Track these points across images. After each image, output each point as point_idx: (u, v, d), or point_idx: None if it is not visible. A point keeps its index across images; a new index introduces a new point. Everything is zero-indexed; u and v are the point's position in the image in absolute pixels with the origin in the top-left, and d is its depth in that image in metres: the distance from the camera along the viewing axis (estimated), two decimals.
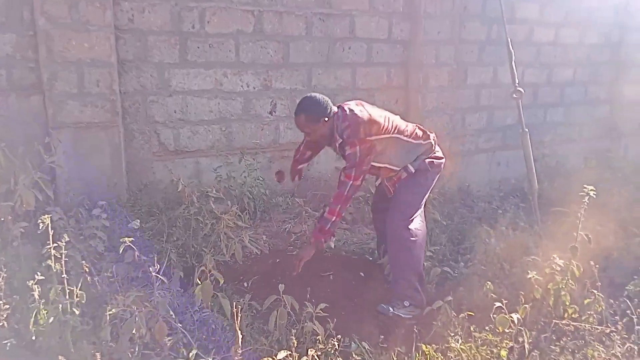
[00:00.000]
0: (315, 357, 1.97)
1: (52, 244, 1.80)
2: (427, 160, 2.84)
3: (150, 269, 1.90)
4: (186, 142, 4.02)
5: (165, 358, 1.90)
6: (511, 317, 2.29)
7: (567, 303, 2.68)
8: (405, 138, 2.81)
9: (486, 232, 3.57)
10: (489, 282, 2.80)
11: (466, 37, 5.04)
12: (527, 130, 3.67)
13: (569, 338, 2.52)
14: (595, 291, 2.63)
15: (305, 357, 1.91)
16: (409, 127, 2.91)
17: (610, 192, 4.43)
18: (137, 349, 1.93)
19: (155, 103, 3.85)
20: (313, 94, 2.80)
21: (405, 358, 2.36)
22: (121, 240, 2.12)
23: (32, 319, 1.78)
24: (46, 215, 1.85)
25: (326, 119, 2.70)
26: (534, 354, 2.30)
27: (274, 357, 1.74)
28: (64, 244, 1.86)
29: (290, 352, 1.82)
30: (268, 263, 3.24)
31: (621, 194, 4.49)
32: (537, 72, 5.68)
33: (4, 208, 2.62)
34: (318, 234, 2.71)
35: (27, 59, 3.39)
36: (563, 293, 2.70)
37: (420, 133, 2.90)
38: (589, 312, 2.61)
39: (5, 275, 2.27)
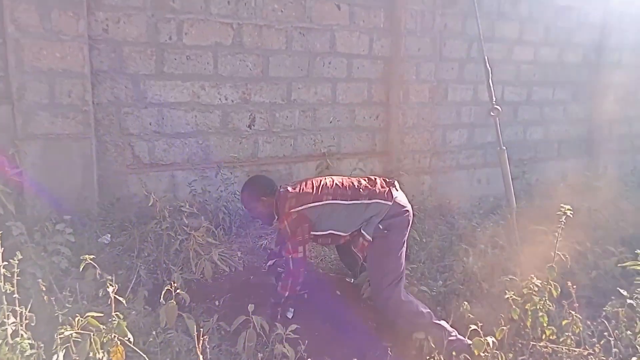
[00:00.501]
0: None
1: (2, 262, 1.69)
2: (383, 224, 2.72)
3: (109, 289, 1.79)
4: (161, 155, 3.93)
5: None
6: (487, 340, 2.22)
7: (545, 324, 2.64)
8: (342, 202, 2.74)
9: (465, 251, 3.53)
10: (467, 302, 2.75)
11: (447, 55, 5.06)
12: (504, 148, 3.67)
13: None
14: (573, 312, 2.59)
15: None
16: (353, 188, 2.81)
17: (588, 211, 4.44)
18: None
19: (129, 115, 3.76)
20: (259, 176, 3.10)
21: None
22: (81, 257, 2.01)
23: None
24: None
25: (264, 197, 2.83)
26: None
27: None
28: (17, 261, 1.75)
29: None
30: (241, 281, 3.14)
31: (599, 212, 4.50)
32: (517, 91, 5.73)
33: None
34: (274, 308, 2.69)
35: None
36: (541, 314, 2.66)
37: (365, 192, 2.77)
38: (567, 334, 2.57)
39: None
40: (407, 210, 2.81)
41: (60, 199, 3.46)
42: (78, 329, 1.72)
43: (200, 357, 1.77)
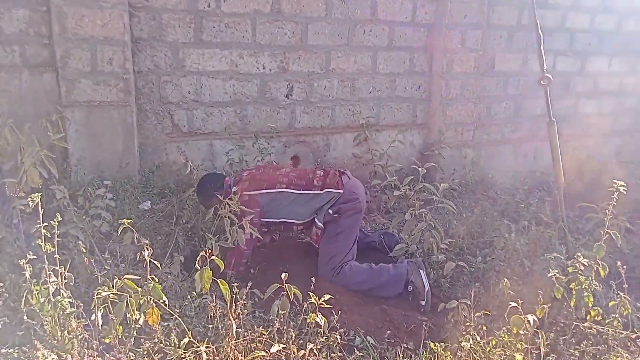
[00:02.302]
0: (315, 351, 1.87)
1: (42, 223, 1.74)
2: (333, 209, 2.86)
3: (145, 252, 1.81)
4: (200, 124, 3.95)
5: (158, 344, 1.83)
6: (527, 318, 2.13)
7: (590, 305, 2.51)
8: (295, 191, 2.89)
9: (507, 227, 3.40)
10: (507, 280, 2.65)
11: (495, 22, 4.80)
12: (554, 120, 3.45)
13: (590, 342, 2.36)
14: (621, 293, 2.45)
15: (303, 351, 1.81)
16: (307, 179, 2.96)
17: None
18: (130, 333, 1.86)
19: (169, 83, 3.78)
20: (208, 174, 3.20)
21: (412, 355, 2.24)
22: (119, 221, 2.04)
23: (23, 299, 1.73)
24: (36, 194, 1.79)
25: (218, 192, 2.92)
26: (551, 357, 2.15)
27: (268, 350, 1.64)
28: (57, 223, 1.79)
29: (285, 346, 1.72)
30: (275, 250, 3.15)
31: None
32: (569, 61, 5.40)
33: (10, 185, 2.58)
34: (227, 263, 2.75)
35: (41, 36, 3.35)
36: (586, 294, 2.52)
37: (318, 183, 2.93)
38: (613, 315, 2.44)
39: (4, 253, 2.25)
40: (358, 198, 2.93)
41: (103, 165, 3.55)
42: (115, 291, 1.75)
43: (233, 322, 1.77)
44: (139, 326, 1.85)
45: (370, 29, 4.35)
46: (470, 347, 2.16)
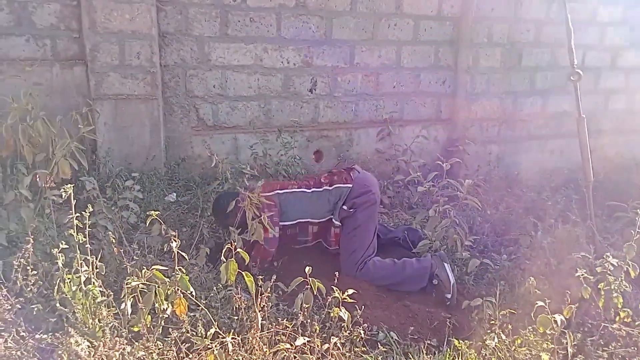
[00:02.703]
0: (339, 345, 1.88)
1: (75, 213, 1.78)
2: (347, 204, 2.89)
3: (173, 244, 1.84)
4: (224, 118, 3.98)
5: (185, 334, 1.86)
6: (554, 317, 2.10)
7: (620, 306, 2.46)
8: (306, 190, 2.95)
9: (533, 224, 3.35)
10: (533, 278, 2.61)
11: (523, 16, 4.71)
12: (584, 116, 3.39)
13: (619, 344, 2.31)
14: None
15: (327, 345, 1.82)
16: (315, 179, 3.06)
17: None
18: (158, 323, 1.90)
19: (194, 77, 3.82)
20: (221, 195, 3.11)
21: (436, 352, 2.23)
22: (147, 213, 2.08)
23: (56, 287, 1.78)
24: (69, 185, 1.83)
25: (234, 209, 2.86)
26: (578, 358, 2.12)
27: (293, 343, 1.66)
28: (88, 214, 1.84)
29: (309, 339, 1.74)
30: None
31: None
32: (599, 55, 5.26)
33: (42, 176, 2.65)
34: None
35: (71, 30, 3.41)
36: (615, 295, 2.48)
37: (326, 180, 2.99)
38: None
39: (36, 242, 2.31)
40: (371, 190, 2.93)
41: (130, 157, 3.61)
42: (144, 281, 1.79)
43: (259, 314, 1.79)
44: (167, 316, 1.89)
45: (395, 23, 4.31)
46: (495, 345, 2.14)
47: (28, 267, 1.86)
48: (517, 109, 4.98)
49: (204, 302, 2.20)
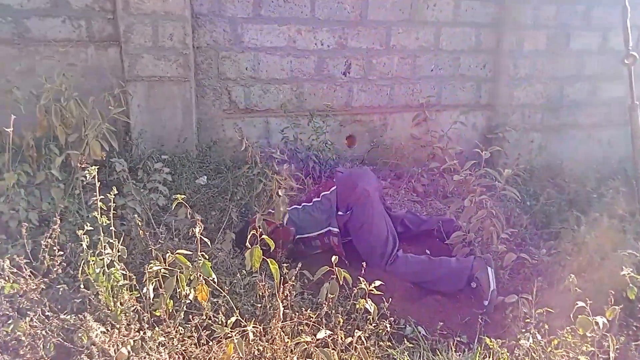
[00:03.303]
0: (363, 338, 1.81)
1: (99, 195, 1.77)
2: (340, 210, 2.79)
3: (196, 229, 1.81)
4: (256, 101, 3.93)
5: (206, 320, 1.84)
6: (595, 319, 1.96)
7: None
8: (297, 206, 2.91)
9: (576, 218, 3.17)
10: (573, 275, 2.46)
11: None
12: (637, 103, 3.15)
13: None
14: None
15: (350, 339, 1.75)
16: (306, 195, 3.08)
17: None
18: (180, 307, 1.88)
19: (227, 59, 3.78)
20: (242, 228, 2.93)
21: (466, 350, 2.14)
22: (173, 197, 2.06)
23: (80, 269, 1.79)
24: (94, 167, 1.82)
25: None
26: None
27: (314, 335, 1.60)
28: (113, 196, 1.82)
29: (332, 332, 1.68)
30: None
31: None
32: None
33: (74, 156, 2.67)
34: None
35: (106, 11, 3.42)
36: None
37: (314, 193, 2.95)
38: None
39: (66, 222, 2.33)
40: (357, 184, 2.78)
41: (162, 139, 3.62)
42: (167, 265, 1.76)
43: (281, 304, 1.74)
44: (189, 301, 1.87)
45: (434, 4, 4.12)
46: (530, 345, 2.02)
47: (55, 248, 1.86)
48: (563, 95, 4.71)
49: (227, 288, 2.17)
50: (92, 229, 1.83)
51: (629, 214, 3.26)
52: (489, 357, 2.03)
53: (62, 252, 1.91)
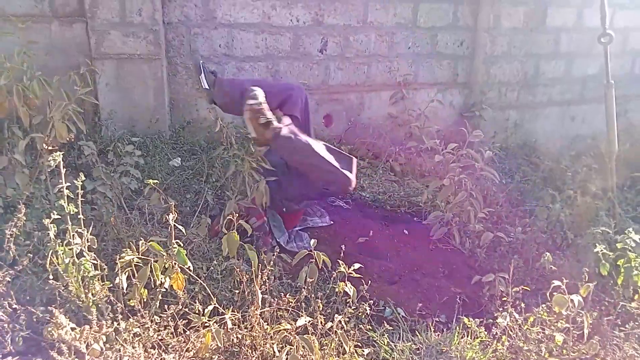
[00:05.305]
0: (343, 323, 1.80)
1: (65, 182, 1.68)
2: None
3: (170, 216, 1.75)
4: None
5: (182, 309, 1.79)
6: (571, 297, 1.99)
7: (639, 284, 2.35)
8: None
9: (551, 196, 3.21)
10: (549, 253, 2.49)
11: None
12: (612, 82, 3.17)
13: (637, 324, 2.21)
14: None
15: (330, 323, 1.74)
16: None
17: None
18: (155, 297, 1.83)
19: (199, 36, 3.64)
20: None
21: (444, 329, 2.15)
22: (146, 181, 1.98)
23: (48, 259, 1.71)
24: (58, 153, 1.72)
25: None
26: (594, 340, 2.02)
27: (294, 322, 1.58)
28: (80, 182, 1.74)
29: (312, 318, 1.66)
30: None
31: None
32: (630, 15, 4.93)
33: (39, 139, 2.55)
34: None
35: None
36: (635, 272, 2.36)
37: None
38: None
39: (32, 209, 2.23)
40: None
41: (133, 120, 3.49)
42: (140, 255, 1.70)
43: (259, 291, 1.71)
44: (165, 290, 1.82)
45: None
46: (507, 324, 2.05)
47: (21, 237, 1.78)
48: (539, 73, 4.73)
49: (204, 274, 2.13)
50: (60, 217, 1.74)
51: (602, 191, 3.32)
52: (468, 336, 2.05)
53: (28, 242, 1.82)
